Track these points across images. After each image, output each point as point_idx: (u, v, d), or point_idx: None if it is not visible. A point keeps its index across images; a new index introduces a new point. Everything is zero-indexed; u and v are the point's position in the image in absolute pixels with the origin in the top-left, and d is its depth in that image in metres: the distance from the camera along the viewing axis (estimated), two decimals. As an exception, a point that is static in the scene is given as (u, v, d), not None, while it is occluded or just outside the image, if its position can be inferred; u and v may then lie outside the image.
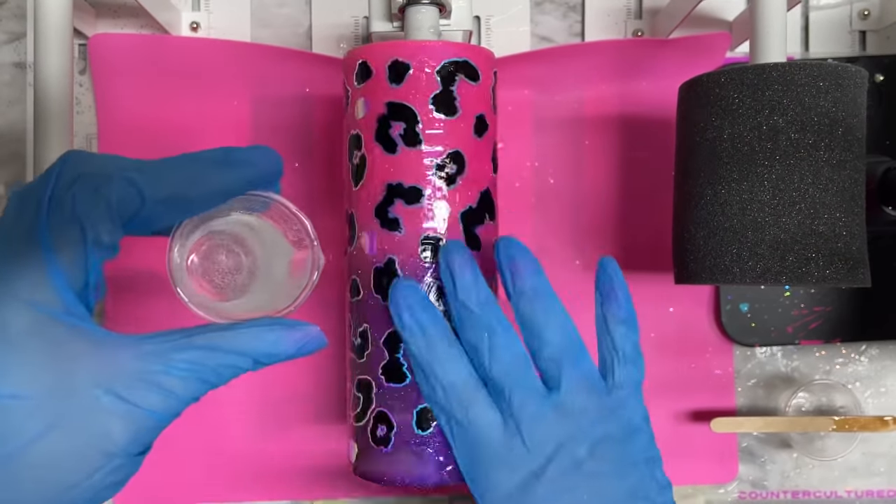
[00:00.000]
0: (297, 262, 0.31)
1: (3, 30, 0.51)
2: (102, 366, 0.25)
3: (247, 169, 0.29)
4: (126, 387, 0.25)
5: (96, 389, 0.25)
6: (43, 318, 0.25)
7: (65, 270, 0.25)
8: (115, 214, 0.26)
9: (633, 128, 0.51)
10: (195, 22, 0.51)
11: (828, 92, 0.37)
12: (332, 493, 0.51)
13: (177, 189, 0.27)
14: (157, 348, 0.26)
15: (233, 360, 0.27)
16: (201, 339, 0.26)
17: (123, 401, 0.25)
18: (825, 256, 0.37)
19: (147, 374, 0.25)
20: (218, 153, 0.28)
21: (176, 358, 0.26)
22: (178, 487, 0.50)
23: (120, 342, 0.26)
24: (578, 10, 0.52)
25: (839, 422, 0.48)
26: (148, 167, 0.27)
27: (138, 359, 0.25)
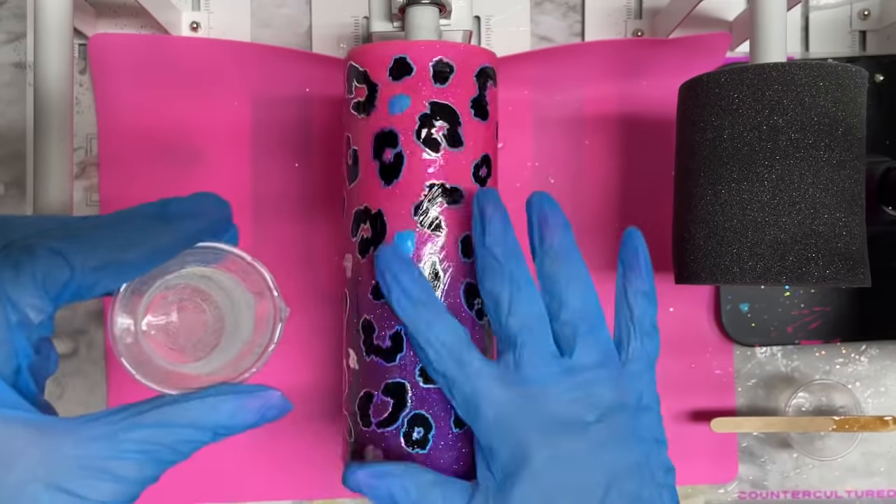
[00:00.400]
0: (259, 316, 0.29)
1: (3, 30, 0.51)
2: (42, 457, 0.23)
3: (188, 222, 0.26)
4: (70, 478, 0.23)
5: (35, 484, 0.23)
6: None
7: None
8: (41, 290, 0.24)
9: (633, 128, 0.51)
10: (195, 22, 0.51)
11: (828, 92, 0.37)
12: (332, 493, 0.51)
13: (109, 253, 0.25)
14: (103, 431, 0.24)
15: (189, 435, 0.25)
16: (152, 417, 0.24)
17: (68, 494, 0.23)
18: (825, 256, 0.37)
19: (94, 460, 0.23)
20: (154, 207, 0.26)
21: (125, 439, 0.24)
22: (178, 487, 0.50)
23: (62, 428, 0.23)
24: (578, 10, 0.52)
25: (839, 422, 0.48)
26: (75, 231, 0.25)
27: (83, 444, 0.23)
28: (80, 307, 0.50)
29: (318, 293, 0.50)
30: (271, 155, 0.50)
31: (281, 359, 0.50)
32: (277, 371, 0.50)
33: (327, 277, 0.50)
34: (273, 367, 0.50)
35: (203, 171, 0.50)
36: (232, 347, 0.29)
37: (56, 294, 0.24)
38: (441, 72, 0.37)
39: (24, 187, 0.50)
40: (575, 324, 0.34)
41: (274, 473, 0.51)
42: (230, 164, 0.50)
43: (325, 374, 0.50)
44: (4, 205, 0.51)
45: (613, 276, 0.51)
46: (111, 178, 0.50)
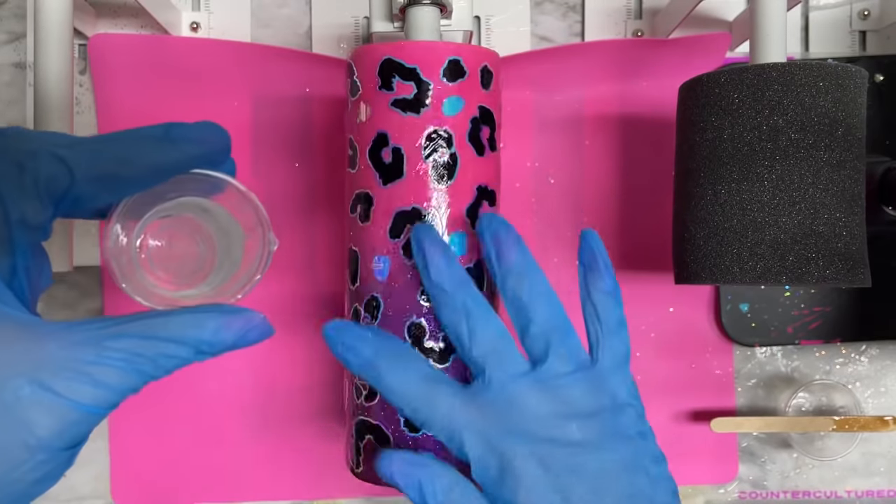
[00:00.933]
0: (249, 248, 0.29)
1: (3, 30, 0.51)
2: (27, 354, 0.23)
3: (190, 146, 0.27)
4: (52, 376, 0.23)
5: (18, 379, 0.23)
6: None
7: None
8: (42, 192, 0.25)
9: (633, 128, 0.51)
10: (195, 22, 0.51)
11: (828, 92, 0.37)
12: (331, 493, 0.51)
13: (110, 166, 0.25)
14: (88, 336, 0.24)
15: (172, 350, 0.25)
16: (137, 327, 0.24)
17: (49, 391, 0.23)
18: (825, 256, 0.37)
19: (77, 363, 0.24)
20: (158, 129, 0.26)
21: (109, 346, 0.24)
22: (178, 487, 0.50)
23: (49, 329, 0.24)
24: (578, 10, 0.52)
25: (839, 422, 0.48)
26: (80, 143, 0.25)
27: (68, 347, 0.24)
28: (81, 308, 0.50)
29: (319, 293, 0.50)
30: (271, 155, 0.50)
31: (281, 358, 0.50)
32: (277, 371, 0.50)
33: (327, 277, 0.50)
34: (273, 367, 0.50)
35: (203, 171, 0.50)
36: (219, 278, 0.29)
37: (56, 198, 0.25)
38: (486, 77, 0.38)
39: (25, 187, 0.50)
40: (545, 335, 0.34)
41: (274, 473, 0.51)
42: (230, 164, 0.50)
43: (325, 374, 0.50)
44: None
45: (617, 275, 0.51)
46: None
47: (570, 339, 0.35)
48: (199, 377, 0.50)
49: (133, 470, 0.50)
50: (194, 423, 0.50)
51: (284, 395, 0.50)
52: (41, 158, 0.25)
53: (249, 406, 0.50)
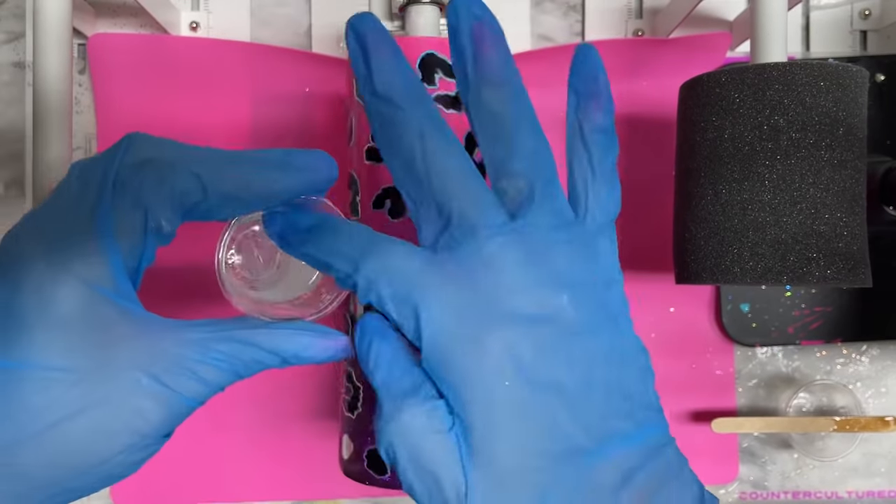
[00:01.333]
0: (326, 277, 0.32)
1: (2, 29, 0.51)
2: (145, 349, 0.26)
3: (305, 174, 0.28)
4: (165, 371, 0.26)
5: (137, 371, 0.25)
6: (96, 298, 0.25)
7: (122, 254, 0.26)
8: (177, 205, 0.26)
9: (633, 128, 0.51)
10: (195, 22, 0.51)
11: (829, 92, 0.37)
12: (331, 493, 0.51)
13: (237, 187, 0.27)
14: (199, 337, 0.26)
15: (265, 357, 0.27)
16: (240, 335, 0.27)
17: (161, 384, 0.26)
18: (826, 256, 0.36)
19: (186, 360, 0.26)
20: (279, 155, 0.28)
21: (215, 348, 0.26)
22: (178, 487, 0.50)
23: (164, 327, 0.26)
24: (578, 9, 0.52)
25: (840, 422, 0.48)
26: (210, 160, 0.27)
27: (180, 345, 0.26)
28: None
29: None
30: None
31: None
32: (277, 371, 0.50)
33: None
34: (273, 368, 0.50)
35: (203, 171, 0.50)
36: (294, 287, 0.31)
37: (186, 210, 0.27)
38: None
39: (24, 187, 0.50)
40: (529, 176, 0.26)
41: (274, 473, 0.50)
42: (230, 164, 0.50)
43: (324, 374, 0.50)
44: (4, 205, 0.51)
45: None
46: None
47: (557, 186, 0.27)
48: (199, 377, 0.50)
49: (133, 470, 0.50)
50: (194, 423, 0.50)
51: (284, 395, 0.50)
52: (179, 173, 0.26)
53: (250, 406, 0.50)
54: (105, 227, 0.26)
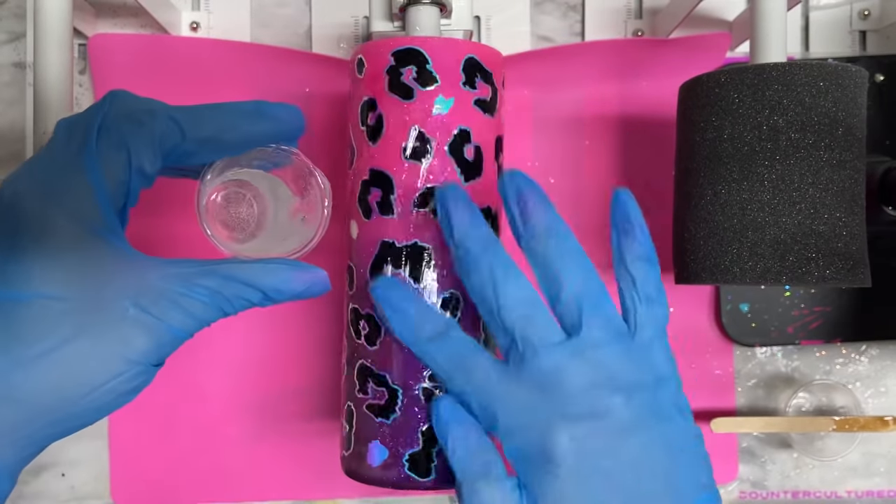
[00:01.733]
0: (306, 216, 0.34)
1: (2, 30, 0.51)
2: (132, 281, 0.28)
3: (276, 123, 0.31)
4: (152, 302, 0.28)
5: (125, 301, 0.27)
6: (85, 232, 0.27)
7: (108, 191, 0.28)
8: (157, 146, 0.28)
9: (633, 128, 0.51)
10: (195, 22, 0.51)
11: (828, 92, 0.37)
12: (332, 494, 0.51)
13: (213, 132, 0.29)
14: (182, 271, 0.28)
15: (246, 293, 0.29)
16: (222, 269, 0.29)
17: (148, 314, 0.28)
18: (825, 256, 0.37)
19: (171, 293, 0.28)
20: (250, 105, 0.31)
21: (198, 283, 0.28)
22: (178, 487, 0.50)
23: (150, 262, 0.28)
24: (578, 9, 0.52)
25: (839, 422, 0.48)
26: (187, 110, 0.29)
27: (164, 279, 0.28)
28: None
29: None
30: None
31: (281, 358, 0.50)
32: (277, 371, 0.50)
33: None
34: (273, 367, 0.50)
35: (203, 171, 0.50)
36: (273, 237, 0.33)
37: (167, 152, 0.29)
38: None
39: (24, 187, 0.50)
40: (578, 302, 0.32)
41: (274, 473, 0.51)
42: (230, 164, 0.50)
43: (324, 374, 0.50)
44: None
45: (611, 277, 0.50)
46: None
47: (606, 305, 0.32)
48: (200, 377, 0.50)
49: (133, 470, 0.50)
50: (194, 423, 0.50)
51: (284, 395, 0.50)
52: (158, 117, 0.29)
53: (249, 406, 0.50)
54: (92, 167, 0.28)
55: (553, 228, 0.33)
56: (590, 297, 0.32)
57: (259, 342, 0.50)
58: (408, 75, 0.37)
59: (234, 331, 0.50)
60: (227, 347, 0.50)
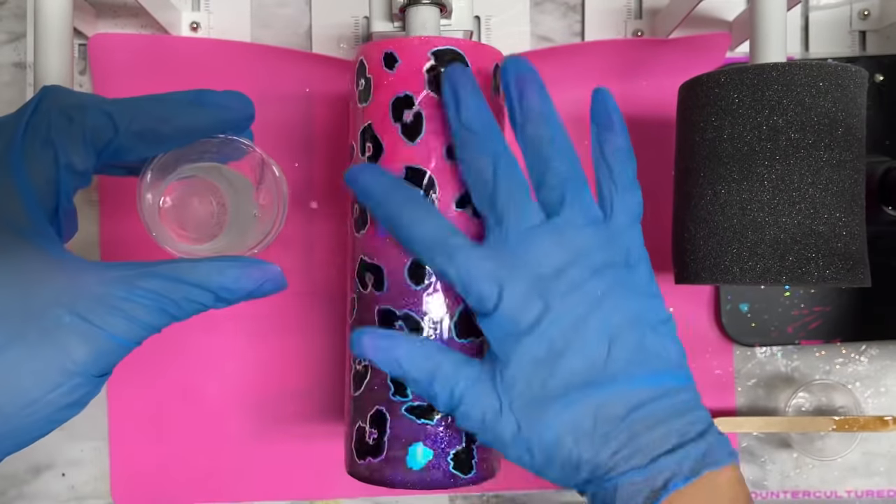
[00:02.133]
0: (263, 209, 0.32)
1: (3, 30, 0.51)
2: (67, 287, 0.26)
3: (219, 111, 0.29)
4: (89, 309, 0.26)
5: (59, 309, 0.25)
6: (10, 236, 0.26)
7: (36, 191, 0.26)
8: (88, 142, 0.27)
9: (633, 128, 0.51)
10: (195, 22, 0.51)
11: (828, 92, 0.37)
12: (332, 494, 0.51)
13: (149, 124, 0.28)
14: (121, 275, 0.26)
15: (195, 294, 0.27)
16: (165, 270, 0.27)
17: (86, 321, 0.26)
18: (825, 256, 0.37)
19: (110, 298, 0.26)
20: (190, 94, 0.29)
21: (140, 286, 0.26)
22: (178, 487, 0.50)
23: (85, 267, 0.26)
24: (578, 10, 0.52)
25: (839, 422, 0.48)
26: (122, 102, 0.28)
27: (102, 284, 0.26)
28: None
29: (318, 292, 0.50)
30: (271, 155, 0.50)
31: (280, 359, 0.50)
32: (277, 371, 0.50)
33: (327, 277, 0.50)
34: (272, 367, 0.50)
35: (203, 171, 0.50)
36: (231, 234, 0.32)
37: (100, 149, 0.27)
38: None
39: (24, 187, 0.50)
40: (561, 186, 0.34)
41: (274, 473, 0.51)
42: (230, 164, 0.50)
43: (324, 374, 0.50)
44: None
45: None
46: (111, 177, 0.50)
47: (585, 192, 0.34)
48: (199, 377, 0.50)
49: (133, 470, 0.50)
50: (194, 424, 0.50)
51: (284, 396, 0.50)
52: (89, 111, 0.27)
53: (249, 406, 0.50)
54: (16, 167, 0.26)
55: (546, 115, 0.34)
56: (572, 183, 0.34)
57: (259, 342, 0.50)
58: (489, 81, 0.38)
59: (233, 331, 0.50)
60: (227, 348, 0.50)
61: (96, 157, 0.28)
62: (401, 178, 0.36)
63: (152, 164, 0.29)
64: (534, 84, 0.34)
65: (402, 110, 0.37)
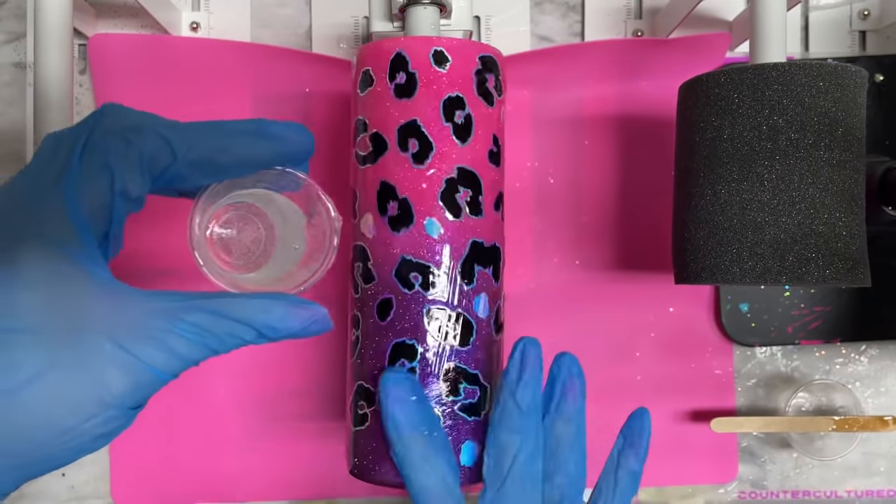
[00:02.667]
0: (312, 243, 0.31)
1: (3, 30, 0.51)
2: (109, 314, 0.25)
3: (279, 144, 0.29)
4: (130, 339, 0.25)
5: (100, 336, 0.25)
6: (61, 258, 0.25)
7: (88, 216, 0.26)
8: (145, 168, 0.26)
9: (633, 128, 0.51)
10: (195, 22, 0.51)
11: (828, 92, 0.37)
12: (331, 493, 0.51)
13: (207, 153, 0.27)
14: (166, 307, 0.26)
15: (238, 330, 0.26)
16: (210, 304, 0.26)
17: (126, 352, 0.25)
18: (825, 256, 0.37)
19: (153, 330, 0.25)
20: (251, 124, 0.28)
21: (183, 319, 0.26)
22: (178, 487, 0.50)
23: (131, 295, 0.26)
24: (578, 10, 0.52)
25: (839, 422, 0.48)
26: (181, 127, 0.27)
27: (147, 314, 0.25)
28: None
29: (318, 292, 0.50)
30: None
31: (281, 359, 0.50)
32: (277, 371, 0.50)
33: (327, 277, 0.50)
34: (273, 368, 0.50)
35: (203, 171, 0.50)
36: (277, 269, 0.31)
37: (156, 175, 0.27)
38: None
39: (24, 187, 0.50)
40: (565, 491, 0.36)
41: (274, 473, 0.51)
42: (230, 164, 0.50)
43: (324, 374, 0.50)
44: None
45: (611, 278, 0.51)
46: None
47: (580, 499, 0.37)
48: (200, 378, 0.50)
49: (133, 470, 0.50)
50: (194, 424, 0.50)
51: (284, 396, 0.50)
52: (147, 136, 0.26)
53: (249, 407, 0.50)
54: (71, 190, 0.25)
55: (578, 419, 0.37)
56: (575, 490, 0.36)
57: (259, 342, 0.50)
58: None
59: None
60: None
61: (151, 182, 0.27)
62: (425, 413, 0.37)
63: (206, 192, 0.28)
64: (579, 389, 0.37)
65: (454, 111, 0.37)
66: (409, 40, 0.38)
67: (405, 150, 0.37)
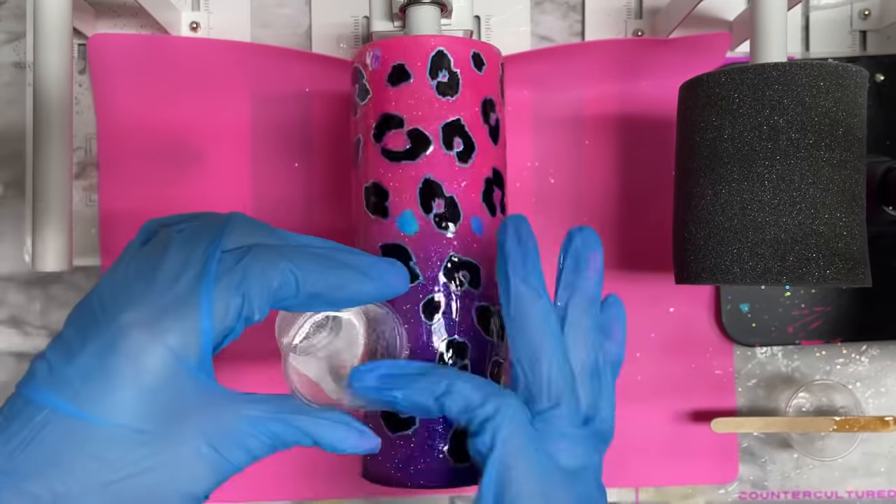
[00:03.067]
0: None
1: (2, 30, 0.51)
2: (210, 420, 0.28)
3: (383, 285, 0.31)
4: (223, 442, 0.29)
5: (200, 440, 0.28)
6: (181, 371, 0.27)
7: (214, 331, 0.28)
8: (272, 298, 0.29)
9: (633, 128, 0.51)
10: (195, 22, 0.51)
11: (828, 92, 0.37)
12: (331, 493, 0.51)
13: (324, 289, 0.30)
14: (256, 415, 0.29)
15: (303, 440, 0.30)
16: (292, 419, 0.30)
17: (218, 454, 0.28)
18: (825, 256, 0.37)
19: (241, 434, 0.29)
20: (364, 264, 0.31)
21: (267, 427, 0.29)
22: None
23: (228, 400, 0.29)
24: (578, 9, 0.52)
25: (840, 422, 0.48)
26: (307, 262, 0.30)
27: (238, 420, 0.29)
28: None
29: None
30: (271, 155, 0.50)
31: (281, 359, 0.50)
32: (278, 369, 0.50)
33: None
34: (273, 367, 0.50)
35: (203, 172, 0.50)
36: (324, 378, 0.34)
37: (277, 303, 0.30)
38: None
39: (24, 187, 0.50)
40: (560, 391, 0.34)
41: (274, 473, 0.50)
42: (230, 164, 0.50)
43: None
44: (4, 205, 0.51)
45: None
46: (110, 178, 0.50)
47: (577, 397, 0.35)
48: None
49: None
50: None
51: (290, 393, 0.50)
52: (279, 270, 0.29)
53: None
54: (205, 310, 0.28)
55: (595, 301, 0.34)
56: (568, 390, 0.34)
57: (260, 340, 0.50)
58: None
59: (233, 331, 0.50)
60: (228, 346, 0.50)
61: (270, 308, 0.29)
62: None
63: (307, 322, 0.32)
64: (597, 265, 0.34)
65: (489, 113, 0.38)
66: (448, 40, 0.37)
67: (450, 148, 0.37)
